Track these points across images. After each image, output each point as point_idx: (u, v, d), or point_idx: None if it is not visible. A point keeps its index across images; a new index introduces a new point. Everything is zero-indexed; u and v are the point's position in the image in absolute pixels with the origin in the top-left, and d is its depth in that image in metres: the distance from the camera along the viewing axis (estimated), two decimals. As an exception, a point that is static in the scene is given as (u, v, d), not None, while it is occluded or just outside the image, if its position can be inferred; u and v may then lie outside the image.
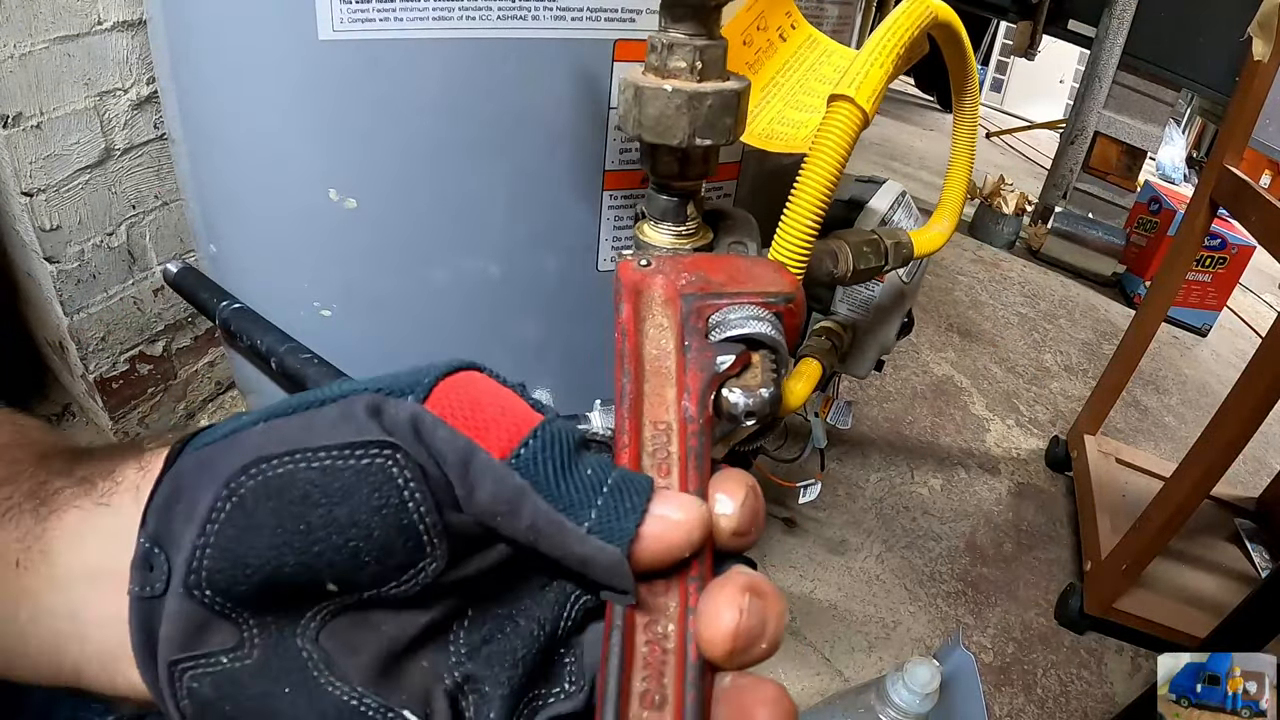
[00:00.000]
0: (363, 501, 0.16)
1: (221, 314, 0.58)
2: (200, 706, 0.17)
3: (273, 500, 0.16)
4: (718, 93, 0.40)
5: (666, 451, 0.20)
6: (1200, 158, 3.72)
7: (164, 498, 0.18)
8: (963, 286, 2.17)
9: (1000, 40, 4.62)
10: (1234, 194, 1.05)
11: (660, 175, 0.45)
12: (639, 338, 0.23)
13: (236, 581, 0.16)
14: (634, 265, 0.24)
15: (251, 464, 0.16)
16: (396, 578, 0.17)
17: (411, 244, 0.59)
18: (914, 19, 0.43)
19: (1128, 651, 1.11)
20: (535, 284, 0.63)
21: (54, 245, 0.90)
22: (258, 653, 0.17)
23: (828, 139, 0.41)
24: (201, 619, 0.17)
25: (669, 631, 0.17)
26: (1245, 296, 2.66)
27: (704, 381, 0.22)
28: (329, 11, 0.48)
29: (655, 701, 0.16)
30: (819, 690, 0.95)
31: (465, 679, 0.18)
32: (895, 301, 0.73)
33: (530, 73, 0.54)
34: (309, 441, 0.17)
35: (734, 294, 0.24)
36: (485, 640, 0.18)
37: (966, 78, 0.56)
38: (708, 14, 0.39)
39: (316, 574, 0.16)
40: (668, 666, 0.16)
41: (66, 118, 0.86)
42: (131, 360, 1.05)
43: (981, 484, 1.41)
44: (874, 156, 3.11)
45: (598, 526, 0.16)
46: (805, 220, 0.42)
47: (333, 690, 0.17)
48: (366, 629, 0.17)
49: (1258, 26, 1.01)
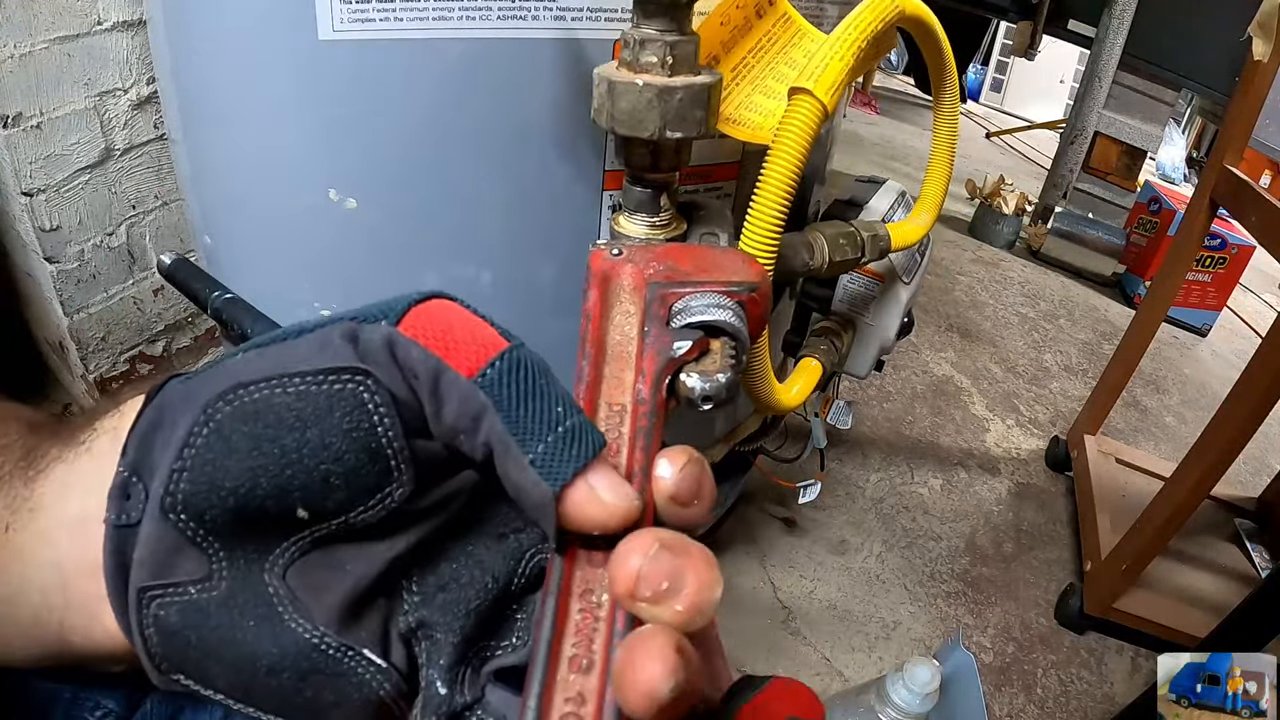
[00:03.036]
0: (334, 425, 0.16)
1: (214, 303, 0.58)
2: (165, 636, 0.17)
3: (248, 424, 0.16)
4: (688, 87, 0.41)
5: (619, 432, 0.20)
6: (1200, 158, 3.72)
7: (145, 426, 0.18)
8: (963, 286, 2.17)
9: (1000, 40, 4.62)
10: (1234, 194, 1.05)
11: (634, 168, 0.47)
12: (603, 323, 0.23)
13: (211, 505, 0.16)
14: (606, 254, 0.24)
15: (229, 390, 0.17)
16: (364, 502, 0.17)
17: (411, 244, 0.59)
18: (878, 13, 0.44)
19: (1128, 651, 1.11)
20: (535, 283, 0.63)
21: (54, 245, 0.90)
22: (224, 585, 0.17)
23: (788, 132, 0.42)
24: (174, 543, 0.17)
25: (603, 601, 0.17)
26: (1245, 296, 2.67)
27: (659, 365, 0.22)
28: (329, 11, 0.48)
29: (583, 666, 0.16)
30: (819, 690, 0.95)
31: (419, 624, 0.18)
32: (895, 301, 0.73)
33: (530, 73, 0.54)
34: (286, 368, 0.17)
35: (698, 282, 0.24)
36: (440, 588, 0.19)
37: (945, 71, 0.56)
38: (678, 10, 0.40)
39: (288, 498, 0.17)
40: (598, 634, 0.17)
41: (66, 118, 0.86)
42: (131, 360, 1.05)
43: (981, 484, 1.41)
44: (874, 156, 3.11)
45: (541, 460, 0.17)
46: (770, 212, 0.43)
47: (295, 627, 0.17)
48: (332, 569, 0.18)
49: (1258, 26, 1.01)
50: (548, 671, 0.16)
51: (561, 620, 0.17)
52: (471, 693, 0.18)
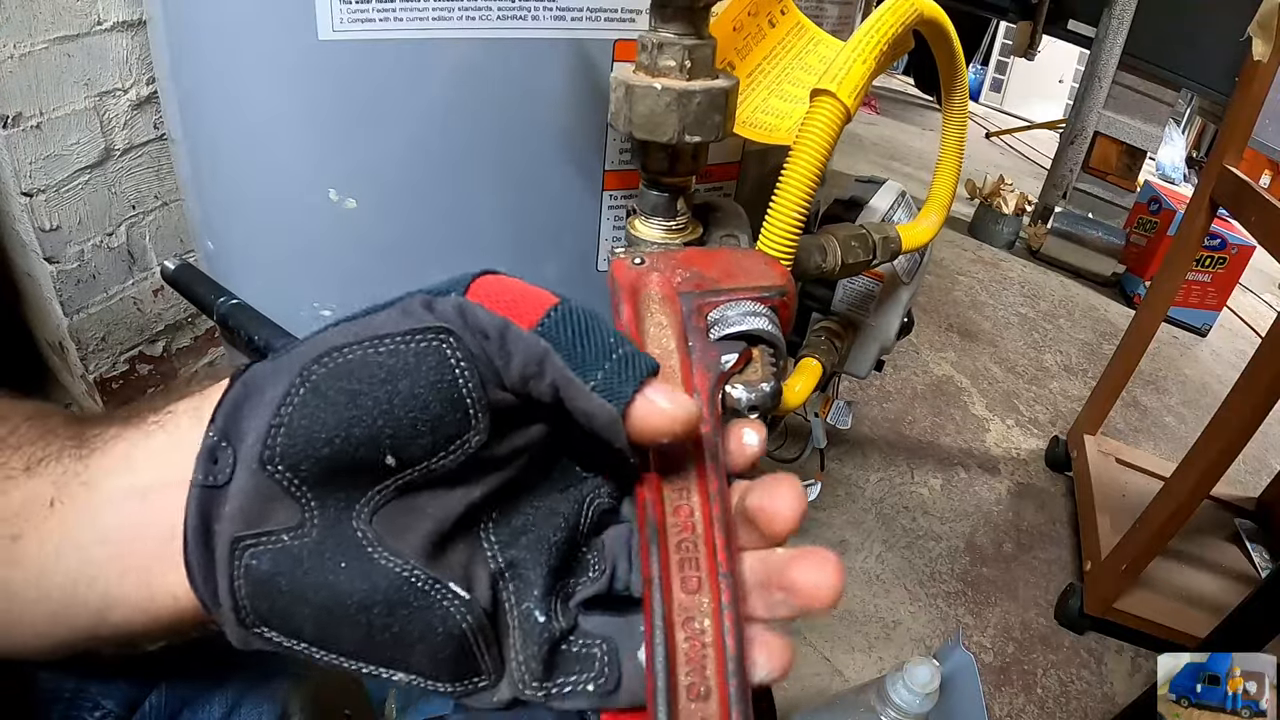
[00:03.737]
0: (422, 377, 0.18)
1: (219, 309, 0.58)
2: (256, 584, 0.18)
3: (343, 380, 0.18)
4: (706, 91, 0.41)
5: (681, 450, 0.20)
6: (1200, 158, 3.72)
7: (232, 399, 0.19)
8: (963, 286, 2.17)
9: (1000, 40, 4.62)
10: (1234, 194, 1.05)
11: (651, 171, 0.46)
12: (642, 340, 0.23)
13: (307, 455, 0.18)
14: (628, 264, 0.24)
15: (324, 353, 0.19)
16: (445, 448, 0.19)
17: (411, 244, 0.59)
18: (899, 15, 0.44)
19: (1128, 651, 1.11)
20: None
21: (54, 245, 0.90)
22: (316, 532, 0.19)
23: (811, 133, 0.42)
24: (269, 494, 0.18)
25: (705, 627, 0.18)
26: (1245, 296, 2.67)
27: (712, 381, 0.22)
28: (329, 11, 0.48)
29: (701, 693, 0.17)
30: (819, 690, 0.95)
31: (509, 564, 0.20)
32: (895, 301, 0.73)
33: (530, 73, 0.54)
34: (375, 332, 0.19)
35: (730, 290, 0.24)
36: (521, 532, 0.21)
37: (956, 73, 0.56)
38: (696, 14, 0.40)
39: (378, 446, 0.18)
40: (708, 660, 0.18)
41: (66, 118, 0.86)
42: (131, 360, 1.05)
43: (981, 484, 1.41)
44: (874, 156, 3.11)
45: (602, 385, 0.19)
46: (791, 213, 0.43)
47: (385, 563, 0.19)
48: (414, 514, 0.19)
49: (1258, 26, 1.01)
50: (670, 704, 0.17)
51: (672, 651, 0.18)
52: (566, 620, 0.20)
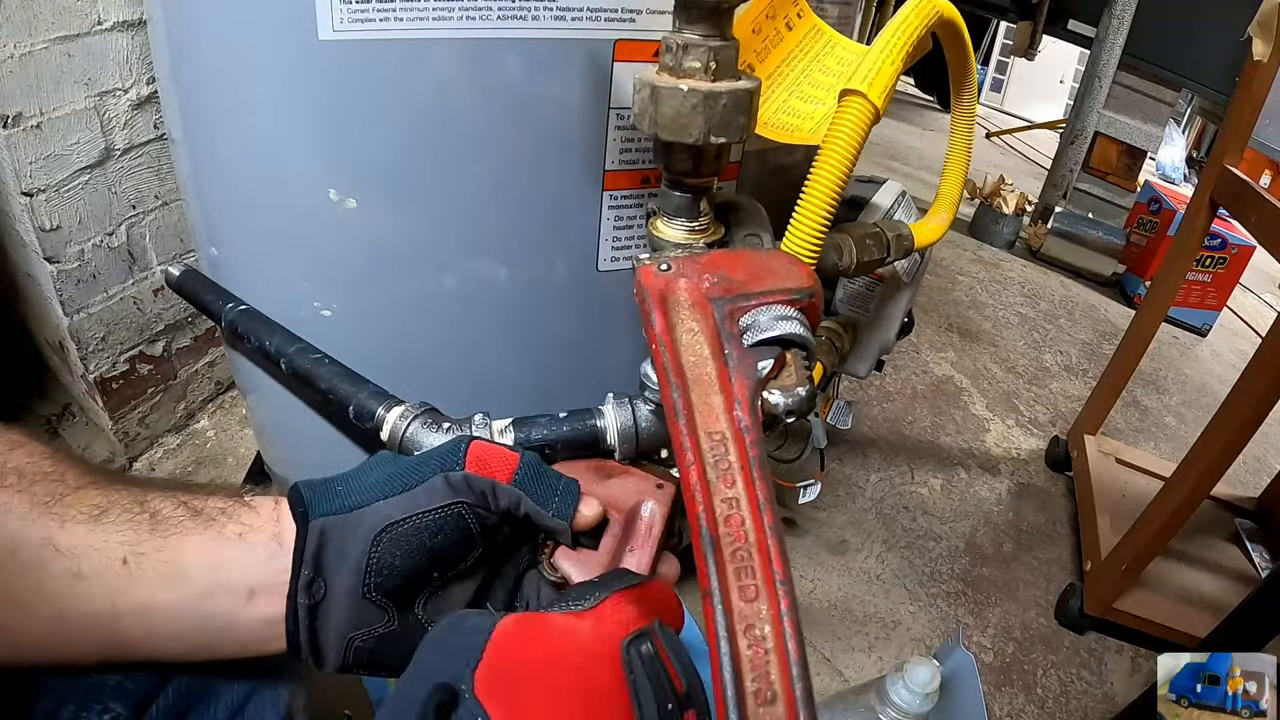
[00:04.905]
0: (452, 531, 0.33)
1: (228, 316, 0.58)
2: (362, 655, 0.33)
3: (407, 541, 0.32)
4: (731, 92, 0.41)
5: (727, 462, 0.21)
6: (1200, 158, 3.73)
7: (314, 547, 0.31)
8: (963, 286, 2.17)
9: (1000, 40, 4.62)
10: (1234, 194, 1.05)
11: (674, 172, 0.46)
12: (675, 347, 0.23)
13: (389, 588, 0.32)
14: (654, 270, 0.24)
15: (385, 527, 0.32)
16: (464, 559, 0.34)
17: (411, 244, 0.59)
18: (923, 16, 0.44)
19: (1128, 651, 1.12)
20: (535, 283, 0.63)
21: (54, 245, 0.90)
22: (396, 624, 0.33)
23: (841, 132, 0.42)
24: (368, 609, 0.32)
25: (766, 633, 0.19)
26: (1245, 296, 2.67)
27: (750, 389, 0.22)
28: (329, 11, 0.48)
29: (768, 698, 0.18)
30: (819, 690, 0.95)
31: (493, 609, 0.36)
32: (895, 301, 0.73)
33: (530, 73, 0.54)
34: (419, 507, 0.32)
35: (760, 293, 0.24)
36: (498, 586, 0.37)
37: (966, 73, 0.56)
38: (721, 15, 0.40)
39: (427, 569, 0.33)
40: (771, 665, 0.19)
41: (66, 118, 0.86)
42: (131, 360, 1.05)
43: (981, 484, 1.41)
44: (874, 156, 3.11)
45: (556, 512, 0.34)
46: (820, 212, 0.43)
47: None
48: (448, 599, 0.35)
49: (1258, 26, 1.01)
50: (740, 710, 0.18)
51: (738, 660, 0.19)
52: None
